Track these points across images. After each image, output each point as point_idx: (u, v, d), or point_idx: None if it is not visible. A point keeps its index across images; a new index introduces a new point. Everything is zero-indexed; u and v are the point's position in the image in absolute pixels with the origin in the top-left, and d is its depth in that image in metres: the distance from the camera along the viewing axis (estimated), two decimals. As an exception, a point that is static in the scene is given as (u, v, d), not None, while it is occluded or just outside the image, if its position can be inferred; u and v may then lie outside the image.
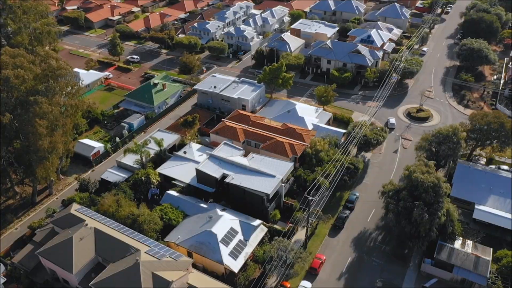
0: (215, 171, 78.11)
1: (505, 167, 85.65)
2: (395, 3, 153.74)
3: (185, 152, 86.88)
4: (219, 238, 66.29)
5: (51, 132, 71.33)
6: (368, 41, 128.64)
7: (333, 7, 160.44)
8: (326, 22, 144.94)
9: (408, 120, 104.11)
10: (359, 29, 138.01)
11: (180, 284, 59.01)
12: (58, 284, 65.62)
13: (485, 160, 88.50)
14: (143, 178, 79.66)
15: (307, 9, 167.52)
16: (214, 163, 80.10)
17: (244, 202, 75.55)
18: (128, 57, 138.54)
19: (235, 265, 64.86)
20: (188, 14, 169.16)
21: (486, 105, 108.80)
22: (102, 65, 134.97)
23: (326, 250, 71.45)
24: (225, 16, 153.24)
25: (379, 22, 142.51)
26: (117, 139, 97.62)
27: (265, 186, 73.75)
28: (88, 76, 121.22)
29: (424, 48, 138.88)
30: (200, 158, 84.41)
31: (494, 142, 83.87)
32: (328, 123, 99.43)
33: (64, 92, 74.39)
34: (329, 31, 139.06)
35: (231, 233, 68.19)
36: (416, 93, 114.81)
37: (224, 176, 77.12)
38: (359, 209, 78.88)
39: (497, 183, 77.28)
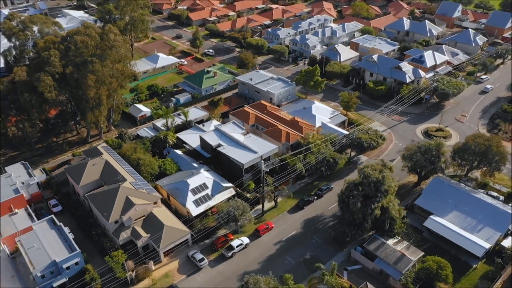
0: (213, 141, 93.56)
1: (494, 193, 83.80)
2: (470, 29, 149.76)
3: (203, 125, 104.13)
4: (190, 188, 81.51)
5: (98, 86, 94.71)
6: (419, 60, 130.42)
7: (407, 28, 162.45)
8: (389, 40, 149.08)
9: (423, 137, 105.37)
10: (417, 49, 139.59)
11: (142, 208, 75.87)
12: (74, 196, 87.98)
13: (474, 183, 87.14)
14: (162, 137, 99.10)
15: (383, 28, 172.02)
16: (216, 135, 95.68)
17: (229, 168, 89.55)
18: (206, 50, 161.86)
19: (195, 210, 79.40)
20: (272, 21, 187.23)
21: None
22: (183, 54, 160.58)
23: (278, 221, 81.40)
24: (300, 26, 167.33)
25: (444, 46, 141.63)
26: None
27: (244, 158, 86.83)
28: (166, 60, 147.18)
29: (484, 76, 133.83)
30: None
31: (486, 165, 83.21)
32: (341, 125, 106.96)
33: (113, 59, 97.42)
34: (387, 47, 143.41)
35: (202, 187, 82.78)
36: (447, 115, 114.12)
37: (219, 145, 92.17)
38: (326, 198, 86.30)
39: (465, 201, 77.66)
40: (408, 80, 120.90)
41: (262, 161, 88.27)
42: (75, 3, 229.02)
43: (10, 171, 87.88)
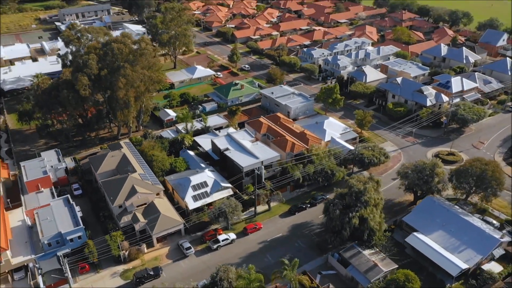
0: (222, 145, 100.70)
1: (490, 219, 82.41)
2: (507, 58, 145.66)
3: (219, 131, 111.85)
4: (191, 184, 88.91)
5: (127, 88, 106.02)
6: (445, 85, 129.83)
7: (443, 53, 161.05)
8: (420, 64, 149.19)
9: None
10: (446, 74, 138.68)
11: (144, 197, 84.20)
12: (95, 183, 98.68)
13: (471, 207, 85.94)
14: (179, 139, 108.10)
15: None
16: (226, 140, 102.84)
17: (232, 171, 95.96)
18: (242, 65, 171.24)
19: (192, 205, 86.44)
20: (311, 42, 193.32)
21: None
22: (221, 68, 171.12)
23: (268, 223, 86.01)
24: (335, 47, 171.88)
25: (476, 73, 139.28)
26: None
27: (245, 162, 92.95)
28: (203, 72, 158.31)
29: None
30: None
31: (483, 189, 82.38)
32: (352, 142, 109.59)
33: (143, 65, 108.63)
34: (416, 71, 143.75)
35: (202, 184, 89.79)
36: (465, 141, 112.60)
37: (226, 149, 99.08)
38: (319, 207, 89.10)
39: (453, 222, 77.54)
40: (428, 104, 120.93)
41: (262, 166, 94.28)
42: (136, 18, 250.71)
43: (44, 156, 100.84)
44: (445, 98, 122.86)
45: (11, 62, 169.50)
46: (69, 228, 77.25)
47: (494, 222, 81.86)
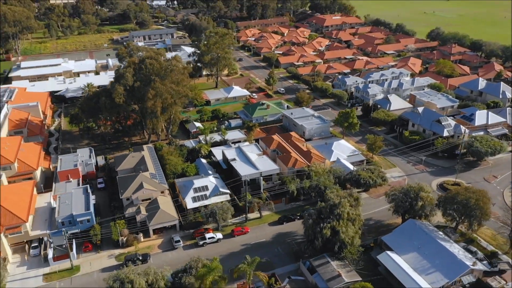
0: (231, 155, 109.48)
1: (473, 248, 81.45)
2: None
3: (234, 144, 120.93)
4: (193, 186, 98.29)
5: (156, 99, 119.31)
6: (468, 118, 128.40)
7: (480, 87, 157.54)
8: (450, 97, 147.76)
9: (437, 190, 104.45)
10: (473, 107, 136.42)
11: (149, 193, 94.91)
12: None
13: (458, 235, 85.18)
14: (196, 148, 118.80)
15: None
16: (235, 152, 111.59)
17: (235, 179, 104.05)
18: (278, 88, 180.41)
19: (190, 205, 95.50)
20: (351, 70, 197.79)
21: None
22: (258, 90, 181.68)
23: (256, 229, 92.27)
24: (370, 76, 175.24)
25: (508, 109, 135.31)
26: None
27: (245, 171, 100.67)
28: (238, 92, 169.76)
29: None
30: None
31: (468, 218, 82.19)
32: (359, 164, 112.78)
33: (172, 80, 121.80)
34: (444, 103, 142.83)
35: (203, 188, 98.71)
36: (477, 174, 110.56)
37: (233, 159, 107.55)
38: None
39: (429, 246, 78.42)
40: (445, 134, 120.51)
41: (261, 176, 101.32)
42: (196, 42, 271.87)
43: (79, 152, 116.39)
44: (463, 129, 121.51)
45: (78, 74, 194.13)
46: (81, 211, 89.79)
47: (478, 252, 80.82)
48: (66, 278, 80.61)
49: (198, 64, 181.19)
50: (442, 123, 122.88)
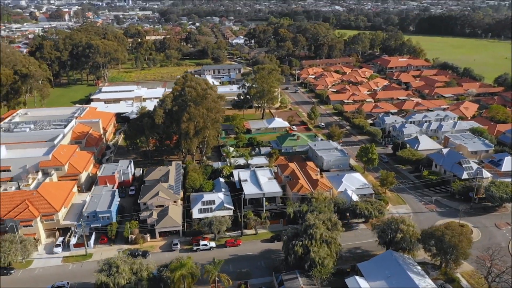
0: (244, 177, 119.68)
1: (449, 286, 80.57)
2: None
3: (254, 167, 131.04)
4: (202, 200, 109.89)
5: (189, 122, 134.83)
6: (495, 163, 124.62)
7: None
8: (486, 141, 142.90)
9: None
10: (505, 153, 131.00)
11: (162, 200, 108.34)
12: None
13: (439, 271, 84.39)
14: (219, 168, 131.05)
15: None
16: (249, 174, 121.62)
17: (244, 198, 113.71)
18: (320, 123, 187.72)
19: (195, 215, 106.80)
20: (397, 110, 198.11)
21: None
22: (300, 123, 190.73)
23: (248, 243, 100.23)
24: (413, 116, 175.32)
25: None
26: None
27: (249, 191, 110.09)
28: (279, 123, 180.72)
29: None
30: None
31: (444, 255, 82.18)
32: (368, 197, 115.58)
33: (205, 106, 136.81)
34: (478, 147, 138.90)
35: (210, 202, 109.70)
36: (491, 219, 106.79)
37: (245, 180, 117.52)
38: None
39: (398, 277, 79.75)
40: (464, 177, 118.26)
41: (263, 197, 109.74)
42: (245, 76, 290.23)
43: (120, 163, 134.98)
44: (486, 174, 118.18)
45: (145, 100, 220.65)
46: (103, 209, 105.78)
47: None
48: (79, 262, 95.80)
49: (247, 96, 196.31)
50: (463, 165, 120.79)
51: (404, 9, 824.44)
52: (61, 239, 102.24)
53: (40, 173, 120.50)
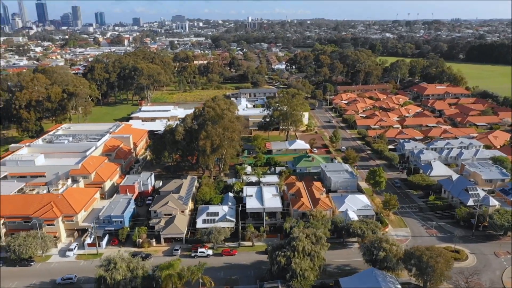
0: (250, 192, 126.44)
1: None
2: None
3: (263, 184, 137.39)
4: (207, 211, 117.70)
5: (206, 140, 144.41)
6: (506, 192, 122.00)
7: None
8: (504, 170, 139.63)
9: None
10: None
11: (170, 209, 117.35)
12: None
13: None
14: (231, 184, 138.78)
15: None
16: (256, 190, 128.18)
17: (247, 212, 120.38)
18: (341, 146, 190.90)
19: (199, 224, 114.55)
20: (422, 137, 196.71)
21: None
22: (322, 146, 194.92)
23: (243, 254, 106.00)
24: (435, 143, 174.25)
25: None
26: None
27: (251, 205, 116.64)
28: (300, 145, 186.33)
29: None
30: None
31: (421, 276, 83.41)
32: (369, 218, 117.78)
33: (222, 125, 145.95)
34: (493, 176, 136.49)
35: (215, 213, 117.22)
36: (491, 248, 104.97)
37: (250, 196, 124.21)
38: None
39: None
40: (469, 203, 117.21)
41: (264, 212, 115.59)
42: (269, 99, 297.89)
43: (141, 175, 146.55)
44: (493, 202, 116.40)
45: (179, 119, 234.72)
46: (117, 214, 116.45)
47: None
48: (90, 259, 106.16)
49: (272, 118, 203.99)
50: (469, 192, 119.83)
51: (457, 36, 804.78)
52: (74, 244, 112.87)
53: (69, 180, 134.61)
